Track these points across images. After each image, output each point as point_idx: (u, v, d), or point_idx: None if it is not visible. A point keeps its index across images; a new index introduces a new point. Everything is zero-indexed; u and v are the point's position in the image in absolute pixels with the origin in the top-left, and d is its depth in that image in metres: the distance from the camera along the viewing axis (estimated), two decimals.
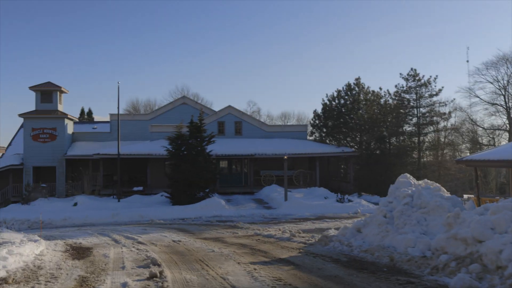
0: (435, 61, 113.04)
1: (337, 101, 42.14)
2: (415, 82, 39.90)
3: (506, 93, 46.12)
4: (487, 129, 49.11)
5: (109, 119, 41.88)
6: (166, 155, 30.75)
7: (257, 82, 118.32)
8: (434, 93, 39.75)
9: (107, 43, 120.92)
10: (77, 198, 30.30)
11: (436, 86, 39.90)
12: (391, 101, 41.28)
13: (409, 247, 11.68)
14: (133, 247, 14.07)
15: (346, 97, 41.89)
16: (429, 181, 15.25)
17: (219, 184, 34.62)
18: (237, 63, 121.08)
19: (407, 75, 40.18)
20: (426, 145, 42.43)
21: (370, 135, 40.24)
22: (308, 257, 12.32)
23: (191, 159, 28.73)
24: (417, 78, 39.83)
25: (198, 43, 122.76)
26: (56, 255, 12.31)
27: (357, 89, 42.06)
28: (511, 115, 45.73)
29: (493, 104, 47.34)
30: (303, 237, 15.93)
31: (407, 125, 41.53)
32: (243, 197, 32.79)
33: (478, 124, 49.60)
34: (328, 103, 42.47)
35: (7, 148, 41.75)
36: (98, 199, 31.60)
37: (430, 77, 39.79)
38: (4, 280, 8.89)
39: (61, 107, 37.97)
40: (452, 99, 58.15)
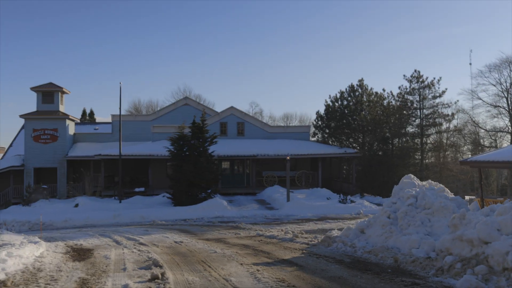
0: (438, 64, 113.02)
1: (340, 102, 42.03)
2: (419, 83, 39.76)
3: (508, 95, 45.94)
4: (489, 131, 48.92)
5: (110, 120, 41.81)
6: (168, 155, 30.66)
7: (259, 83, 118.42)
8: (437, 94, 39.61)
9: (109, 44, 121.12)
10: (78, 199, 30.20)
11: (439, 87, 39.73)
12: (394, 102, 41.15)
13: (414, 248, 11.57)
14: (135, 248, 13.95)
15: (349, 98, 41.77)
16: (433, 182, 15.14)
17: (221, 185, 34.54)
18: (239, 64, 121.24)
19: (411, 76, 40.06)
20: (428, 146, 42.25)
21: (372, 136, 40.10)
22: (311, 258, 12.20)
23: (193, 159, 28.63)
24: (420, 79, 39.68)
25: (200, 44, 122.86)
26: (56, 257, 12.19)
27: (360, 90, 41.95)
28: None
29: (495, 106, 47.19)
30: (305, 238, 15.82)
31: (410, 127, 41.39)
32: (245, 197, 32.70)
33: (480, 126, 49.45)
34: (331, 104, 42.37)
35: (8, 149, 41.69)
36: (99, 200, 31.49)
37: (433, 78, 39.70)
38: (3, 283, 8.76)
39: (62, 108, 37.91)
40: (455, 101, 58.12)
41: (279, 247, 14.11)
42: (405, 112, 40.04)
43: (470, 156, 45.84)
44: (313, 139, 43.61)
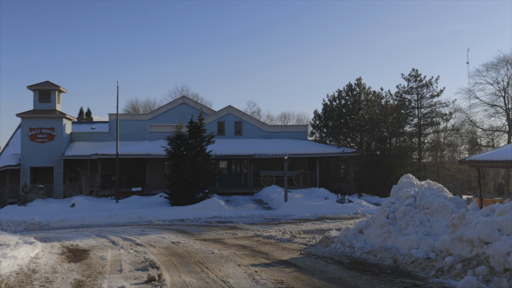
0: (436, 62, 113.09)
1: (338, 101, 41.95)
2: (417, 82, 39.66)
3: (506, 94, 45.89)
4: (486, 130, 48.87)
5: (108, 119, 41.67)
6: (165, 155, 30.53)
7: (257, 82, 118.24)
8: (435, 93, 39.50)
9: (107, 42, 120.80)
10: (75, 199, 30.02)
11: (437, 86, 39.83)
12: (392, 101, 41.07)
13: (413, 248, 11.48)
14: (131, 249, 13.81)
15: (347, 98, 41.69)
16: (432, 181, 15.06)
17: (218, 184, 34.43)
18: (237, 63, 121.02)
19: (409, 75, 39.96)
20: (426, 146, 42.18)
21: (370, 136, 40.02)
22: (309, 258, 12.10)
23: (190, 159, 28.50)
24: (418, 78, 39.58)
25: (198, 43, 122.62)
26: (52, 258, 12.04)
27: (358, 89, 41.87)
28: (510, 117, 45.51)
29: (493, 105, 47.12)
30: (303, 238, 15.72)
31: (407, 126, 41.31)
32: (243, 197, 32.59)
33: (477, 125, 49.41)
34: (329, 103, 42.28)
35: (4, 148, 41.45)
36: (96, 199, 31.33)
37: (431, 77, 39.60)
38: None
39: (59, 107, 37.72)
40: (453, 100, 58.00)
41: (277, 247, 14.00)
42: (403, 111, 39.95)
43: (467, 155, 45.87)
44: (310, 139, 43.53)
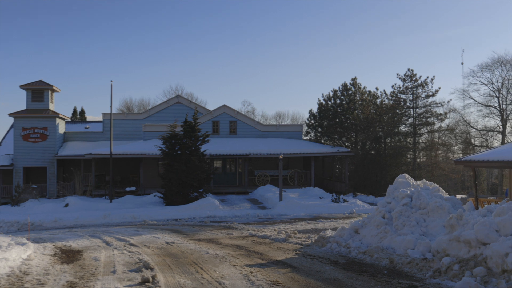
0: (431, 63, 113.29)
1: (333, 101, 41.88)
2: (412, 82, 39.60)
3: (500, 95, 45.99)
4: (480, 130, 48.97)
5: (102, 119, 41.42)
6: (159, 154, 30.35)
7: (251, 82, 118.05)
8: (430, 93, 39.45)
9: (101, 42, 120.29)
10: (68, 199, 29.81)
11: (432, 87, 39.55)
12: (387, 101, 41.02)
13: (409, 248, 11.39)
14: (125, 249, 13.66)
15: (342, 97, 41.62)
16: (428, 181, 15.00)
17: (213, 184, 34.28)
18: (232, 63, 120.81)
19: (404, 75, 39.90)
20: (421, 145, 42.18)
21: (365, 135, 39.97)
22: (305, 259, 12.00)
23: (185, 158, 28.34)
24: (414, 78, 39.53)
25: (192, 42, 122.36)
26: (44, 259, 11.87)
27: (353, 89, 41.81)
28: (504, 117, 45.64)
29: (487, 105, 47.22)
30: (299, 238, 15.63)
31: (403, 126, 41.27)
32: (238, 197, 32.47)
33: (471, 125, 49.49)
34: (324, 103, 42.20)
35: None
36: (89, 199, 31.13)
37: (427, 77, 39.54)
38: None
39: (52, 106, 37.44)
40: (448, 100, 58.09)
41: (272, 247, 13.90)
42: (398, 111, 39.91)
43: (461, 155, 45.96)
44: (305, 138, 43.45)
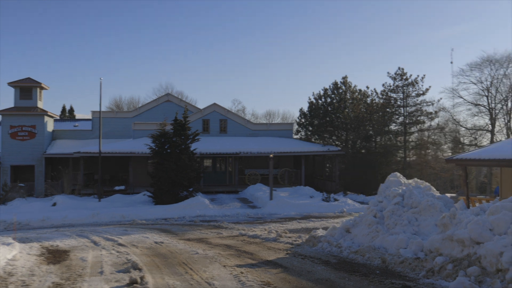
0: (421, 62, 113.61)
1: (323, 99, 41.78)
2: (403, 81, 39.56)
3: (489, 94, 46.13)
4: (470, 129, 49.11)
5: (91, 117, 40.99)
6: (149, 153, 30.06)
7: (242, 80, 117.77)
8: (421, 92, 39.46)
9: (90, 40, 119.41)
10: (57, 197, 29.42)
11: (423, 85, 39.59)
12: (378, 100, 40.97)
13: (401, 248, 11.29)
14: (113, 249, 13.42)
15: (332, 96, 41.53)
16: (419, 180, 14.92)
17: (203, 183, 34.06)
18: (222, 61, 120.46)
19: (395, 74, 39.85)
20: (411, 144, 42.20)
21: (356, 134, 39.92)
22: (296, 259, 11.85)
23: (174, 157, 28.09)
24: (404, 77, 39.49)
25: (182, 41, 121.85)
26: (30, 260, 11.61)
27: (344, 87, 41.73)
28: (493, 116, 45.83)
29: (476, 104, 47.37)
30: (289, 237, 15.48)
31: (393, 124, 41.25)
32: (228, 196, 32.27)
33: (461, 124, 49.62)
34: (314, 101, 42.10)
35: None
36: (78, 198, 30.78)
37: (417, 76, 39.51)
38: None
39: (41, 104, 36.99)
40: (439, 99, 58.24)
41: (263, 247, 13.74)
42: (388, 109, 39.88)
43: (450, 154, 46.06)
44: (296, 137, 43.33)
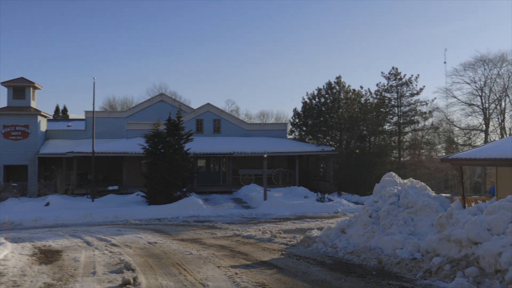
0: (415, 62, 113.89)
1: (317, 99, 41.70)
2: (397, 81, 39.56)
3: (483, 94, 46.32)
4: (463, 129, 49.24)
5: (84, 117, 40.76)
6: (142, 153, 29.89)
7: (235, 81, 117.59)
8: (415, 92, 39.47)
9: (83, 40, 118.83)
10: (50, 197, 29.21)
11: (417, 85, 39.65)
12: (372, 100, 40.94)
13: (397, 248, 11.20)
14: (106, 249, 13.27)
15: (326, 96, 41.46)
16: (414, 180, 14.85)
17: (197, 183, 33.90)
18: (215, 61, 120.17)
19: (389, 73, 39.82)
20: (406, 144, 42.22)
21: (350, 134, 39.89)
22: (291, 259, 11.75)
23: (168, 157, 27.94)
24: (398, 77, 39.48)
25: (176, 41, 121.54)
26: (22, 260, 11.45)
27: (338, 87, 41.66)
28: (487, 116, 45.97)
29: (470, 104, 47.53)
30: (284, 238, 15.37)
31: (387, 124, 41.24)
32: (222, 196, 32.14)
33: (455, 124, 49.73)
34: (308, 101, 42.01)
35: None
36: (71, 198, 30.57)
37: (411, 76, 39.51)
38: None
39: (34, 104, 36.73)
40: (432, 99, 58.27)
41: (257, 247, 13.62)
42: (382, 109, 39.87)
43: (444, 154, 46.14)
44: (290, 137, 43.22)
